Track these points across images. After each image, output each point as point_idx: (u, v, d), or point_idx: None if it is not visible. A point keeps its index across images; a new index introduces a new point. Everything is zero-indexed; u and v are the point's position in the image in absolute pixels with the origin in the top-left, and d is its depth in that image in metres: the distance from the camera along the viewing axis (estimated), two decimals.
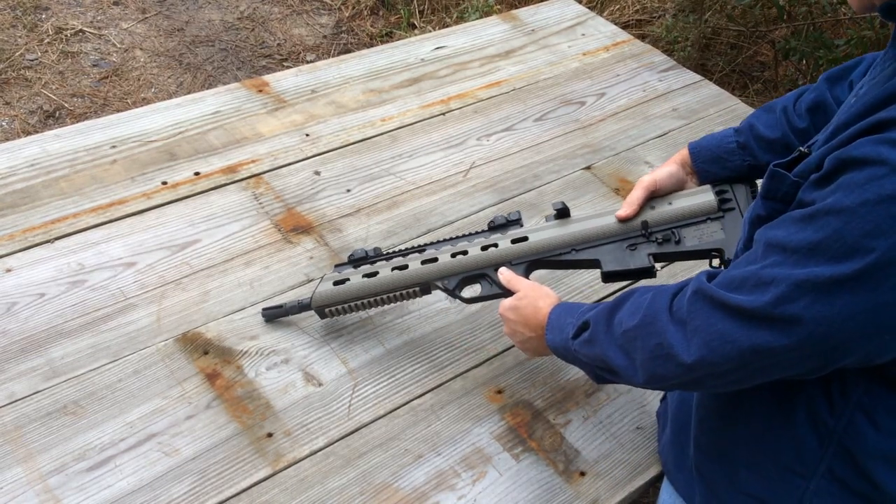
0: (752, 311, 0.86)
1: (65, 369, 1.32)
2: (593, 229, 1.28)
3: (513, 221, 1.34)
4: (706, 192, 1.27)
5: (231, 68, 3.50)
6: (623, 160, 1.93)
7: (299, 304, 1.38)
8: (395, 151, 1.86)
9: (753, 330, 0.87)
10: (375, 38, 3.77)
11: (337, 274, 1.37)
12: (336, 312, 1.38)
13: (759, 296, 0.86)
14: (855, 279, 0.80)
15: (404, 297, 1.36)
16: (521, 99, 2.07)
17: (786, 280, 0.84)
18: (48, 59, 3.33)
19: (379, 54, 2.17)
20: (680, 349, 0.94)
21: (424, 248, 1.36)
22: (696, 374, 0.93)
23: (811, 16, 3.25)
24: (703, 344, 0.91)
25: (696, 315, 0.93)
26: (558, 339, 1.15)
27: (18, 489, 1.16)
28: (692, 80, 2.24)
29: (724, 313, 0.89)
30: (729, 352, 0.89)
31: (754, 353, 0.87)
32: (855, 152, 0.81)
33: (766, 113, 1.31)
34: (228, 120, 1.87)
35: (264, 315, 1.42)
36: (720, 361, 0.90)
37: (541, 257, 1.30)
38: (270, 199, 1.69)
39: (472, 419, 1.34)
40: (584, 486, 1.28)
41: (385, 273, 1.34)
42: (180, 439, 1.25)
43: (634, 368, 1.02)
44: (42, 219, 1.57)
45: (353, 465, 1.25)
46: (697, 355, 0.92)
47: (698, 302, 0.93)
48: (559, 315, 1.17)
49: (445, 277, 1.32)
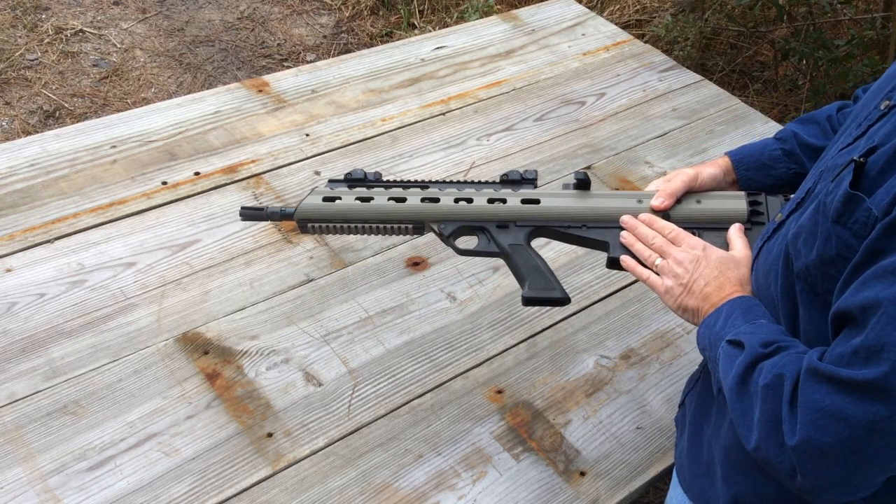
0: (867, 384, 0.78)
1: (65, 369, 1.32)
2: (611, 209, 1.20)
3: (528, 180, 1.24)
4: (739, 199, 1.19)
5: (231, 68, 3.50)
6: (623, 160, 1.93)
7: (282, 211, 1.25)
8: (395, 151, 1.86)
9: (868, 404, 0.78)
10: (375, 38, 3.77)
11: (328, 190, 1.25)
12: (320, 229, 1.26)
13: (874, 367, 0.77)
14: None
15: (394, 232, 1.24)
16: (522, 99, 2.07)
17: None
18: (48, 59, 3.33)
19: (379, 54, 2.17)
20: (787, 426, 0.84)
21: (427, 186, 1.25)
22: (801, 455, 0.83)
23: (811, 16, 3.26)
24: (810, 422, 0.81)
25: (804, 389, 0.83)
26: (720, 326, 1.00)
27: (18, 489, 1.16)
28: (692, 80, 2.24)
29: (834, 388, 0.80)
30: (840, 431, 0.79)
31: (869, 431, 0.78)
32: None
33: (807, 125, 1.26)
34: (228, 120, 1.87)
35: (242, 213, 1.28)
36: (830, 441, 0.80)
37: (548, 224, 1.21)
38: (270, 198, 1.69)
39: (472, 419, 1.34)
40: (584, 486, 1.28)
41: (380, 200, 1.22)
42: (180, 439, 1.25)
43: (749, 425, 0.90)
44: (42, 219, 1.57)
45: (354, 465, 1.25)
46: (803, 435, 0.82)
47: (807, 380, 0.84)
48: (731, 313, 1.01)
49: (443, 221, 1.22)
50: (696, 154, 1.97)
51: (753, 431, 0.88)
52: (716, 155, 1.97)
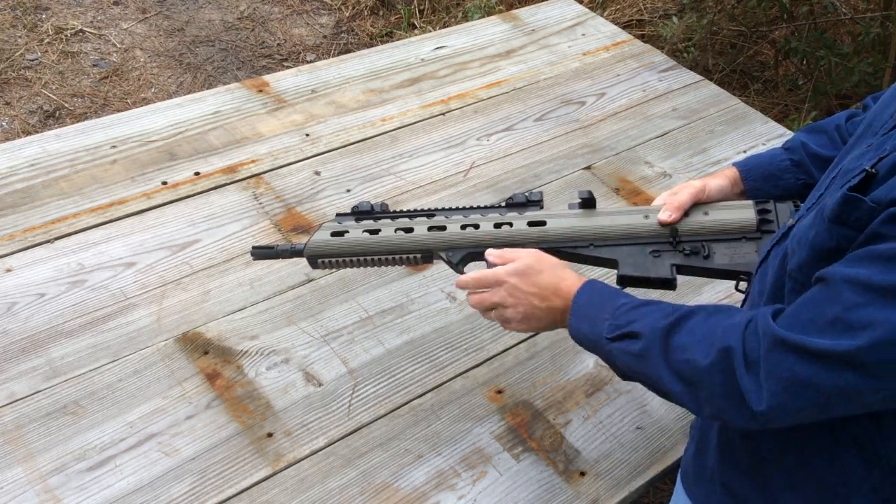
0: (841, 356, 0.81)
1: (65, 369, 1.32)
2: (618, 227, 1.19)
3: (533, 202, 1.24)
4: (747, 209, 1.18)
5: (231, 68, 3.50)
6: (623, 160, 1.93)
7: (292, 248, 1.28)
8: (395, 151, 1.86)
9: (840, 372, 0.82)
10: (375, 38, 3.77)
11: (336, 224, 1.27)
12: (329, 265, 1.27)
13: (849, 340, 0.81)
14: None
15: (403, 262, 1.25)
16: (522, 99, 2.07)
17: (883, 324, 0.79)
18: (48, 59, 3.33)
19: (379, 54, 2.17)
20: (753, 396, 0.88)
21: (434, 214, 1.26)
22: (769, 418, 0.88)
23: (812, 15, 3.25)
24: (782, 391, 0.85)
25: (772, 362, 0.87)
26: (587, 330, 1.05)
27: (18, 489, 1.16)
28: (692, 80, 2.24)
29: (809, 359, 0.84)
30: (811, 396, 0.84)
31: (840, 396, 0.83)
32: None
33: (816, 134, 1.26)
34: (228, 120, 1.87)
35: (253, 253, 1.30)
36: (800, 406, 0.85)
37: (555, 246, 1.20)
38: (270, 199, 1.69)
39: (473, 419, 1.34)
40: (584, 486, 1.28)
41: (388, 232, 1.24)
42: (180, 439, 1.25)
43: (696, 401, 0.95)
44: (42, 219, 1.57)
45: (354, 465, 1.25)
46: (772, 402, 0.86)
47: (775, 348, 0.87)
48: (589, 302, 1.06)
49: (451, 249, 1.23)
50: (696, 154, 1.97)
51: (705, 407, 0.93)
52: (716, 155, 1.97)
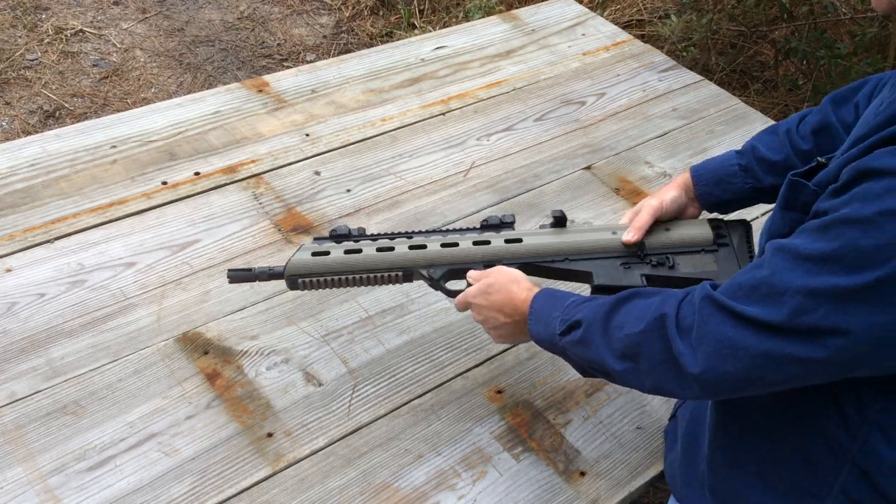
0: (767, 322, 0.85)
1: (65, 369, 1.32)
2: (589, 242, 1.28)
3: (507, 224, 1.32)
4: (703, 225, 1.30)
5: (231, 68, 3.50)
6: (623, 160, 1.93)
7: (270, 271, 1.29)
8: (395, 151, 1.86)
9: (766, 338, 0.86)
10: (375, 38, 3.77)
11: (316, 245, 1.29)
12: (309, 285, 1.28)
13: (773, 307, 0.85)
14: (871, 289, 0.79)
15: (384, 281, 1.28)
16: (522, 99, 2.07)
17: (802, 290, 0.83)
18: (48, 59, 3.33)
19: (379, 54, 2.17)
20: (687, 359, 0.92)
21: (412, 235, 1.31)
22: (704, 382, 0.92)
23: (812, 15, 3.25)
24: (713, 353, 0.90)
25: (703, 323, 0.91)
26: (544, 333, 1.12)
27: (18, 489, 1.16)
28: (692, 80, 2.24)
29: (735, 322, 0.88)
30: (740, 359, 0.88)
31: (766, 359, 0.86)
32: (872, 163, 0.81)
33: (770, 135, 1.30)
34: (228, 120, 1.87)
35: (230, 276, 1.30)
36: (730, 370, 0.89)
37: (532, 261, 1.28)
38: (270, 199, 1.69)
39: (473, 419, 1.34)
40: (584, 486, 1.28)
41: (369, 251, 1.27)
42: (180, 439, 1.25)
43: (638, 374, 1.00)
44: (42, 219, 1.57)
45: (354, 465, 1.26)
46: (706, 364, 0.90)
47: (706, 309, 0.91)
48: (543, 305, 1.13)
49: (431, 266, 1.27)
50: (696, 154, 1.97)
51: (647, 379, 0.98)
52: (716, 154, 1.97)
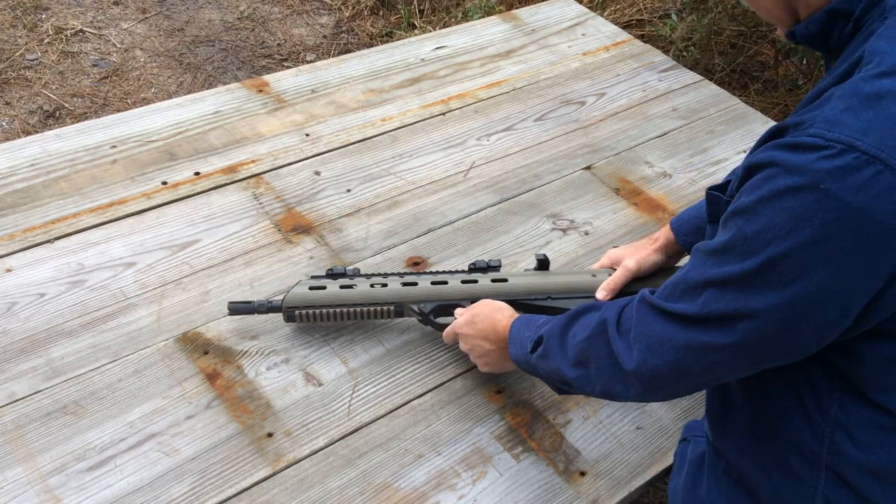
0: (686, 315, 0.92)
1: (65, 369, 1.32)
2: (571, 282, 1.39)
3: (493, 267, 1.42)
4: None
5: (231, 68, 3.50)
6: (623, 160, 1.93)
7: (269, 304, 1.38)
8: (395, 151, 1.86)
9: (687, 330, 0.92)
10: (375, 38, 3.77)
11: (314, 281, 1.40)
12: (306, 317, 1.38)
13: (690, 301, 0.92)
14: (760, 272, 0.84)
15: (377, 315, 1.39)
16: (522, 99, 2.08)
17: (710, 281, 0.90)
18: (48, 59, 3.33)
19: (379, 54, 2.17)
20: (624, 357, 0.99)
21: (404, 276, 1.41)
22: (641, 377, 0.98)
23: None
24: (645, 348, 0.97)
25: (639, 323, 0.98)
26: (520, 354, 1.19)
27: (18, 489, 1.16)
28: (692, 80, 2.24)
29: (663, 318, 0.95)
30: (667, 351, 0.94)
31: (689, 350, 0.93)
32: (754, 158, 0.87)
33: None
34: (228, 120, 1.87)
35: (230, 308, 1.39)
36: (659, 363, 0.95)
37: (517, 299, 1.37)
38: (270, 199, 1.69)
39: (473, 419, 1.34)
40: (584, 486, 1.28)
41: (363, 287, 1.38)
42: (180, 439, 1.25)
43: (589, 379, 1.07)
44: (42, 219, 1.57)
45: (354, 465, 1.26)
46: (639, 360, 0.97)
47: (642, 311, 0.99)
48: (519, 329, 1.21)
49: (423, 302, 1.38)
50: (696, 154, 1.97)
51: (597, 383, 1.06)
52: (716, 155, 1.98)
